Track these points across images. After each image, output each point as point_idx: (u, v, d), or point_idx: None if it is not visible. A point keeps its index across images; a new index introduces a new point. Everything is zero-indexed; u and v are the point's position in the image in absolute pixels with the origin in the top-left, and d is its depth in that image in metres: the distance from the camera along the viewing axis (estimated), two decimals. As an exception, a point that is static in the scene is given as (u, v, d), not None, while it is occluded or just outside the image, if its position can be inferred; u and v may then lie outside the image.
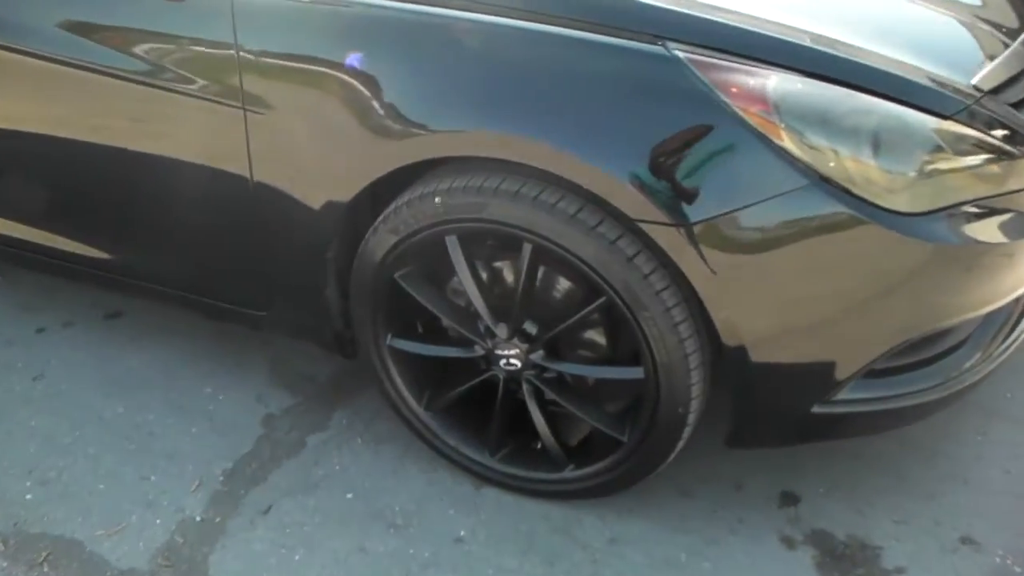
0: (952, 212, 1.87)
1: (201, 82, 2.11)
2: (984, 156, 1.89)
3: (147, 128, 2.26)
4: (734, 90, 1.80)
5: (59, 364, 2.77)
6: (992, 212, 1.93)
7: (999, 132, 1.91)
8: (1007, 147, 1.91)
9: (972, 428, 2.49)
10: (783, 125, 1.79)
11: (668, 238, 1.85)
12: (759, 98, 1.80)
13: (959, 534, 2.21)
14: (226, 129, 2.11)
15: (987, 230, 1.92)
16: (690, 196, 1.82)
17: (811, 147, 1.80)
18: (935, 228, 1.85)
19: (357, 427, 2.54)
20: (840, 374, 1.96)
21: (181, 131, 2.21)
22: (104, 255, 2.55)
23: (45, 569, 2.16)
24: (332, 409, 2.60)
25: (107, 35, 2.21)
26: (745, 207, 1.81)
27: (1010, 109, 1.98)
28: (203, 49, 2.11)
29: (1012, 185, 1.93)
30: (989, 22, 2.34)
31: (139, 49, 2.17)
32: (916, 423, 2.22)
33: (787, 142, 1.79)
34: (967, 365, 2.09)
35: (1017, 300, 2.14)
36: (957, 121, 1.86)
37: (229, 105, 2.09)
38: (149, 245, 2.49)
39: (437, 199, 2.00)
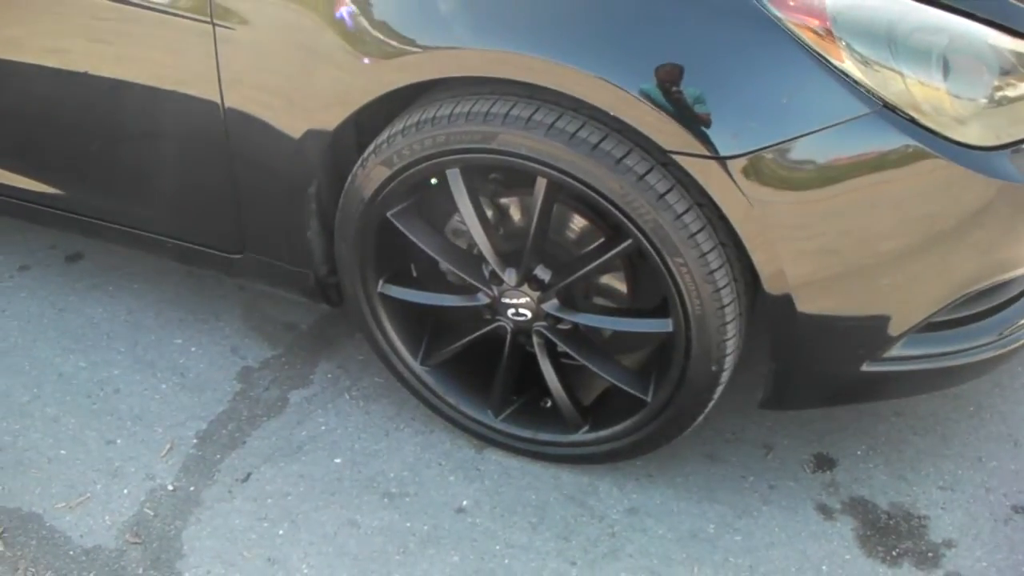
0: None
1: (164, -7, 1.93)
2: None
3: (105, 49, 2.07)
4: (788, 2, 1.59)
5: (13, 314, 2.58)
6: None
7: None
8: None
9: (1021, 383, 2.29)
10: (843, 44, 1.60)
11: (706, 172, 1.65)
12: (816, 12, 1.60)
13: (1011, 502, 2.03)
14: (193, 48, 1.93)
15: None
16: (734, 125, 1.62)
17: (874, 70, 1.60)
18: (1006, 164, 1.68)
19: (344, 382, 2.35)
20: (895, 329, 1.79)
21: (143, 51, 2.03)
22: (61, 192, 2.37)
23: (0, 548, 1.96)
24: (316, 361, 2.42)
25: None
26: (797, 138, 1.61)
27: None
28: (165, -46, 1.91)
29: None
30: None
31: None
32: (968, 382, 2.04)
33: (847, 63, 1.60)
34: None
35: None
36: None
37: (196, 19, 1.90)
38: (110, 180, 2.30)
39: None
